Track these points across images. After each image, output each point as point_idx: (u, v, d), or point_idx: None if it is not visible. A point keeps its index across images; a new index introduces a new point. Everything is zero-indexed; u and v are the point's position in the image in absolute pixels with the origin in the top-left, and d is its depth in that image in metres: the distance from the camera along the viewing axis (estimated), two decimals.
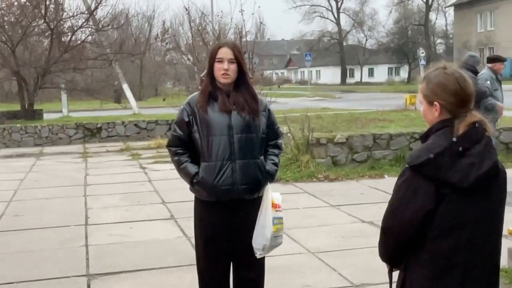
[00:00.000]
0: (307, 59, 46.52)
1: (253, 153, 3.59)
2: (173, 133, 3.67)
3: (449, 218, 2.23)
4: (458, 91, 2.29)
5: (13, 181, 10.52)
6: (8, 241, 6.58)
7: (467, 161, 2.19)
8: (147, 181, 10.22)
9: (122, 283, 5.13)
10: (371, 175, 9.83)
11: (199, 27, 19.53)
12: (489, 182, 2.25)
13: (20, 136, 16.84)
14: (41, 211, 8.03)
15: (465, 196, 2.21)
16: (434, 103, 2.32)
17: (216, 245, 3.59)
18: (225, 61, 3.50)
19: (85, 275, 5.35)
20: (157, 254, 5.87)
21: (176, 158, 3.63)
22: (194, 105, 3.57)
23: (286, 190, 8.86)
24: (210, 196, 3.54)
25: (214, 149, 3.49)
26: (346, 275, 5.12)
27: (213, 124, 3.50)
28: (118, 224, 7.16)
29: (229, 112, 3.54)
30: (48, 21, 21.65)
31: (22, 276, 5.33)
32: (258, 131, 3.62)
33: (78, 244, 6.36)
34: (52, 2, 22.45)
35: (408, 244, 2.30)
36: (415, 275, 2.32)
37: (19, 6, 21.67)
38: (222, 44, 3.67)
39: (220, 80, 3.53)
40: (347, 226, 6.80)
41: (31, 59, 21.82)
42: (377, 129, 11.57)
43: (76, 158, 13.70)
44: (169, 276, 5.18)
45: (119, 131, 17.43)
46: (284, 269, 5.31)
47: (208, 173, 3.48)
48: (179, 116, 3.63)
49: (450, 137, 2.24)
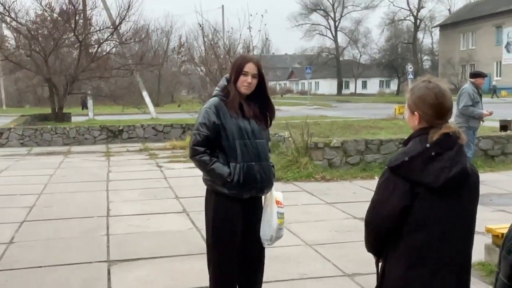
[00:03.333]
0: (307, 72, 46.48)
1: (267, 156, 3.65)
2: (201, 133, 3.47)
3: (422, 214, 2.26)
4: (435, 105, 2.33)
5: (43, 176, 10.55)
6: (38, 229, 6.60)
7: (439, 165, 2.23)
8: (162, 178, 10.21)
9: (139, 269, 5.13)
10: (363, 177, 9.84)
11: (212, 42, 19.57)
12: (460, 184, 2.28)
13: (51, 136, 16.89)
14: (67, 203, 8.05)
15: (437, 195, 2.24)
16: (415, 112, 2.37)
17: (231, 236, 3.53)
18: (249, 75, 3.50)
19: (106, 261, 5.36)
20: (170, 243, 5.87)
21: (206, 157, 3.46)
22: (220, 110, 3.49)
23: (287, 188, 8.87)
24: (237, 193, 3.49)
25: (242, 151, 3.48)
26: (339, 265, 5.12)
27: (242, 128, 3.50)
28: (136, 216, 7.17)
29: (250, 119, 3.55)
30: (77, 34, 21.76)
31: (50, 261, 5.36)
32: (268, 137, 3.74)
33: (100, 233, 6.38)
34: (81, 17, 22.56)
35: (387, 236, 2.33)
36: (393, 265, 2.34)
37: (51, 20, 21.78)
38: (249, 59, 3.61)
39: (241, 90, 3.51)
40: (341, 222, 6.80)
41: (61, 67, 21.92)
42: (369, 135, 11.55)
43: (100, 157, 13.73)
44: (181, 263, 5.18)
45: (138, 133, 17.46)
46: (283, 259, 5.30)
47: (239, 172, 3.45)
48: (208, 117, 3.47)
49: (425, 143, 2.28)
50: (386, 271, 2.37)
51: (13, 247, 5.88)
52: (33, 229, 6.61)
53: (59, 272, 5.04)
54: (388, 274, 2.36)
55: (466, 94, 8.68)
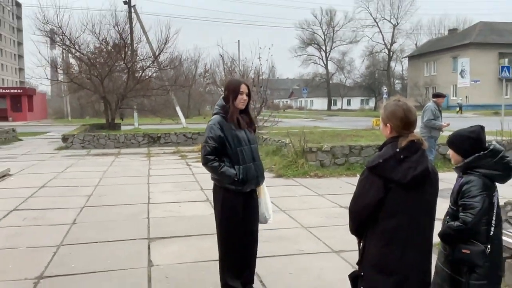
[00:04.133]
0: (304, 92, 46.33)
1: (259, 157, 3.67)
2: (211, 145, 3.43)
3: (394, 204, 2.25)
4: (403, 118, 2.33)
5: (98, 172, 10.62)
6: (94, 213, 6.64)
7: (407, 165, 2.23)
8: (191, 174, 10.24)
9: (172, 244, 5.14)
10: (347, 174, 9.79)
11: (230, 69, 19.61)
12: (423, 180, 2.27)
13: (105, 141, 16.99)
14: (117, 193, 8.09)
15: (405, 189, 2.23)
16: (387, 124, 2.37)
17: (236, 221, 3.53)
18: (244, 94, 3.51)
19: (146, 238, 5.37)
20: (196, 225, 5.87)
21: (216, 164, 3.44)
22: (223, 125, 3.47)
23: (288, 183, 8.85)
24: (241, 188, 3.48)
25: (244, 155, 3.49)
26: (328, 244, 5.10)
27: (240, 138, 3.50)
28: (170, 204, 7.18)
29: (245, 129, 3.56)
30: (126, 62, 21.93)
31: (103, 238, 5.38)
32: (257, 142, 3.75)
33: (142, 217, 6.39)
34: (129, 49, 22.73)
35: (366, 222, 2.33)
36: (371, 244, 2.34)
37: (106, 51, 21.96)
38: (242, 82, 3.59)
39: (239, 106, 3.52)
40: (330, 210, 6.76)
41: (113, 88, 22.06)
42: (352, 142, 11.50)
43: (143, 157, 13.79)
44: (203, 240, 5.17)
45: (172, 139, 17.51)
46: (284, 238, 5.29)
47: (243, 172, 3.46)
48: (214, 132, 3.44)
49: (395, 148, 2.28)
50: (366, 249, 2.38)
51: (75, 227, 5.92)
52: (90, 213, 6.65)
53: (110, 246, 5.07)
54: (367, 251, 2.36)
55: (429, 110, 8.64)
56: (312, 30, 69.57)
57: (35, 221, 6.18)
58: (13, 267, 4.47)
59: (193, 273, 4.26)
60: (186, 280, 4.11)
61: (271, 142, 12.87)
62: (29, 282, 4.10)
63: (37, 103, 46.63)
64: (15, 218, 6.37)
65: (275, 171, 10.05)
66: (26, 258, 4.71)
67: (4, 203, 7.31)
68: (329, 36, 69.75)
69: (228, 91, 3.53)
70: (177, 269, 4.37)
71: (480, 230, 2.52)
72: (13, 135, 20.54)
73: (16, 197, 7.76)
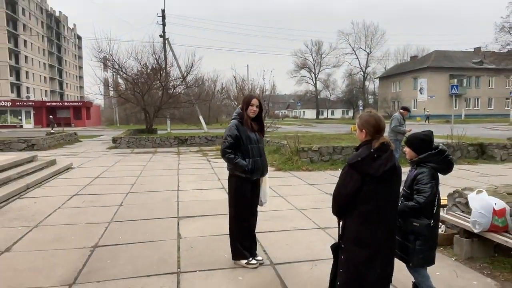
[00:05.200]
0: (298, 104, 46.38)
1: (264, 154, 3.69)
2: (229, 141, 3.48)
3: (368, 193, 2.25)
4: (375, 125, 2.33)
5: (140, 165, 10.66)
6: (136, 197, 6.66)
7: (379, 162, 2.23)
8: (210, 168, 10.24)
9: (196, 222, 5.15)
10: (331, 169, 9.74)
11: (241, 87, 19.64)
12: (391, 174, 2.27)
13: (145, 142, 17.04)
14: (154, 182, 8.11)
15: (377, 181, 2.23)
16: (363, 130, 2.37)
17: (246, 201, 3.58)
18: (254, 106, 3.55)
19: (176, 217, 5.38)
20: (214, 207, 5.87)
21: (232, 156, 3.48)
22: (239, 127, 3.53)
23: (285, 175, 8.83)
24: (250, 176, 3.52)
25: (253, 151, 3.54)
26: (316, 222, 5.08)
27: (251, 138, 3.55)
28: (194, 190, 7.18)
29: (255, 132, 3.59)
30: (161, 82, 21.97)
31: (144, 215, 5.41)
32: (263, 142, 3.76)
33: (173, 201, 6.40)
34: (164, 72, 22.79)
35: (347, 206, 2.32)
36: (351, 223, 2.33)
37: (146, 74, 22.02)
38: (254, 96, 3.63)
39: (250, 114, 3.56)
40: (318, 196, 6.74)
41: (151, 101, 22.10)
42: (335, 143, 11.45)
43: (173, 155, 13.81)
44: (220, 219, 5.16)
45: (196, 141, 17.50)
46: (282, 218, 5.28)
47: (253, 164, 3.51)
48: (232, 132, 3.49)
49: (370, 149, 2.27)
50: (346, 226, 2.36)
51: (121, 208, 5.94)
52: (133, 197, 6.68)
53: (148, 224, 5.08)
54: (347, 227, 2.35)
55: (396, 119, 8.65)
56: (304, 57, 69.33)
57: (92, 203, 6.23)
58: (75, 238, 4.51)
59: (211, 244, 4.27)
60: (206, 249, 4.13)
61: (272, 143, 12.86)
62: (87, 250, 4.13)
63: (93, 113, 46.98)
64: (76, 201, 6.42)
65: (275, 166, 10.03)
66: (85, 232, 4.75)
67: (68, 189, 7.37)
68: (318, 61, 69.43)
69: (243, 103, 3.60)
70: (199, 241, 4.38)
71: (427, 209, 2.63)
72: (75, 138, 20.71)
73: (77, 185, 7.82)
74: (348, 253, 2.33)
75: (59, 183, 8.13)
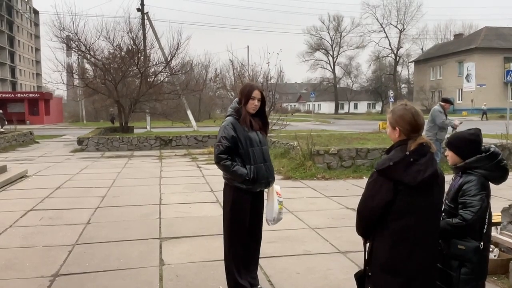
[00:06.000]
0: (312, 96, 46.27)
1: (269, 158, 3.66)
2: (224, 144, 3.42)
3: (402, 206, 2.24)
4: (412, 122, 2.32)
5: (112, 173, 10.69)
6: (107, 213, 6.68)
7: (416, 168, 2.21)
8: (201, 176, 10.26)
9: (182, 244, 5.16)
10: (354, 177, 9.74)
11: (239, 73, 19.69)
12: (431, 183, 2.26)
13: (118, 144, 17.11)
14: (130, 194, 8.12)
15: (414, 192, 2.22)
16: (396, 128, 2.35)
17: (243, 219, 3.54)
18: (256, 99, 3.52)
19: (158, 238, 5.39)
20: (206, 226, 5.88)
21: (229, 162, 3.43)
22: (236, 126, 3.47)
23: (295, 185, 8.82)
24: (252, 187, 3.47)
25: (255, 156, 3.49)
26: (335, 244, 5.08)
27: (252, 139, 3.50)
28: (181, 204, 7.19)
29: (257, 131, 3.56)
30: (139, 67, 22.06)
31: (116, 237, 5.42)
32: (268, 144, 3.75)
33: (154, 217, 6.41)
34: (142, 55, 22.89)
35: (374, 223, 2.31)
36: (379, 244, 2.32)
37: (120, 57, 22.13)
38: (255, 87, 3.57)
39: (250, 111, 3.53)
40: (336, 211, 6.73)
41: (127, 92, 22.21)
42: (359, 145, 11.45)
43: (155, 159, 13.85)
44: (213, 241, 5.18)
45: (183, 142, 17.55)
46: (292, 239, 5.28)
47: (254, 172, 3.46)
48: (227, 132, 3.43)
49: (404, 152, 2.26)
50: (374, 249, 2.35)
51: (89, 226, 5.96)
52: (104, 213, 6.69)
53: (123, 246, 5.09)
54: (375, 251, 2.34)
55: (438, 113, 8.70)
56: (320, 35, 69.65)
57: (51, 221, 6.24)
58: (30, 265, 4.52)
59: (202, 272, 4.27)
60: (195, 279, 4.13)
61: (279, 145, 12.87)
62: (45, 280, 4.14)
63: (53, 107, 47.17)
64: (32, 218, 6.44)
65: (283, 173, 10.04)
66: (43, 257, 4.76)
67: (21, 203, 7.40)
68: (337, 42, 69.72)
69: (241, 95, 3.54)
70: (187, 268, 4.38)
71: (476, 227, 2.58)
72: (30, 138, 20.80)
73: (33, 197, 7.85)
74: (377, 283, 2.32)
75: (10, 195, 8.16)
